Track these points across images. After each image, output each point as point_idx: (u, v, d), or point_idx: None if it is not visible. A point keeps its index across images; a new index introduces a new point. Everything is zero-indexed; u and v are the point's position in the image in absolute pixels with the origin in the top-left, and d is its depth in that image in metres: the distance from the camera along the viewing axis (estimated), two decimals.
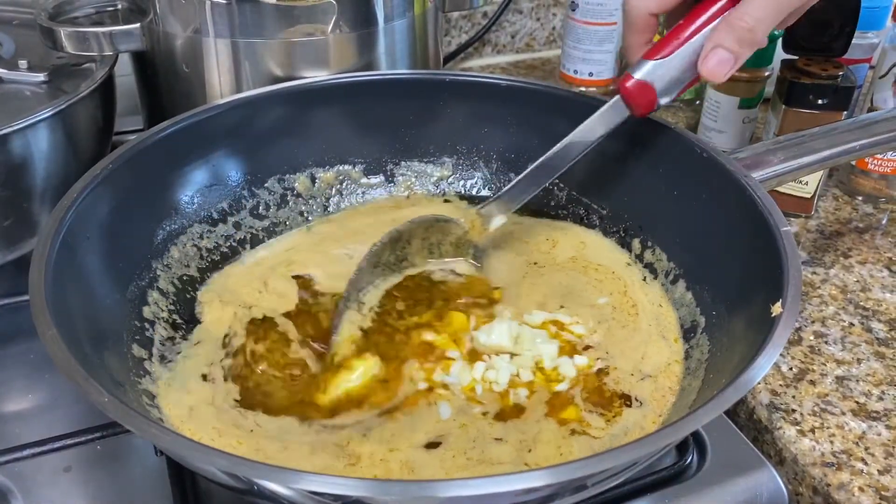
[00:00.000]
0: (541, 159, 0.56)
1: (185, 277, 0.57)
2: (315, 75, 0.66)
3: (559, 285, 0.58)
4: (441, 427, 0.47)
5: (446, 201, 0.67)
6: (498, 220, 0.60)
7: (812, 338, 0.60)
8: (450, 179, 0.68)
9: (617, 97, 0.53)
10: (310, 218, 0.65)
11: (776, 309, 0.42)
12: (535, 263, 0.61)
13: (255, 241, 0.62)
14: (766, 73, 0.76)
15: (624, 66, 0.95)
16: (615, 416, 0.48)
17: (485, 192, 0.68)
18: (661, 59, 0.51)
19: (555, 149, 0.56)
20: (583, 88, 0.92)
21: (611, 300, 0.57)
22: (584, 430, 0.47)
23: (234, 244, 0.61)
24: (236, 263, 0.60)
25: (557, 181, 0.65)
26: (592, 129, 0.55)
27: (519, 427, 0.47)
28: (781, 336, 0.40)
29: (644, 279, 0.58)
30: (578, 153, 0.55)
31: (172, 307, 0.55)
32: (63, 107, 0.59)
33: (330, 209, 0.66)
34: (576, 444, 0.46)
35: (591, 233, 0.63)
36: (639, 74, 0.51)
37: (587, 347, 0.53)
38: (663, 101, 0.52)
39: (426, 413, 0.47)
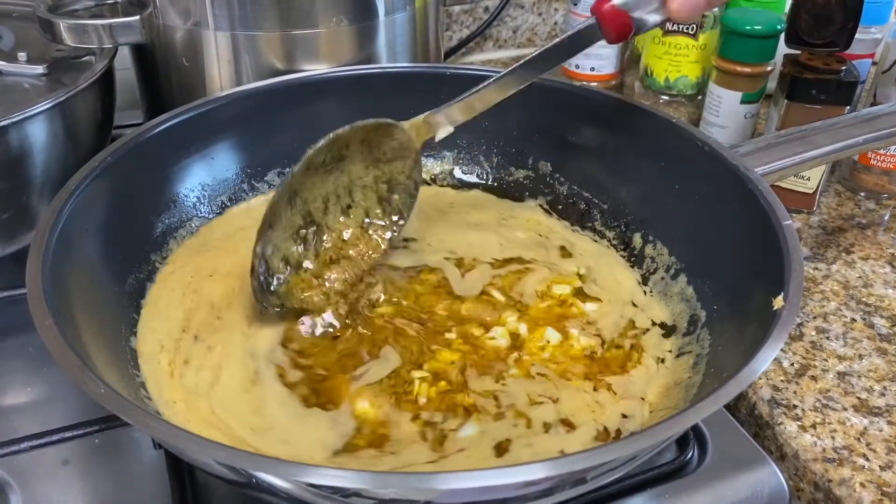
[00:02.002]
0: (504, 72, 0.54)
1: None
2: (315, 68, 0.66)
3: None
4: None
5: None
6: (444, 131, 0.57)
7: (814, 333, 0.60)
8: (450, 173, 0.68)
9: (592, 19, 0.51)
10: None
11: (778, 302, 0.42)
12: None
13: None
14: (769, 68, 0.75)
15: (626, 60, 0.95)
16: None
17: None
18: None
19: (519, 63, 0.54)
20: (585, 83, 0.92)
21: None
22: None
23: None
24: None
25: (558, 175, 0.65)
26: (561, 50, 0.53)
27: None
28: (783, 329, 0.40)
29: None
30: (539, 72, 0.54)
31: None
32: (62, 99, 0.58)
33: None
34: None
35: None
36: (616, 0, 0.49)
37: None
38: (637, 26, 0.50)
39: None
